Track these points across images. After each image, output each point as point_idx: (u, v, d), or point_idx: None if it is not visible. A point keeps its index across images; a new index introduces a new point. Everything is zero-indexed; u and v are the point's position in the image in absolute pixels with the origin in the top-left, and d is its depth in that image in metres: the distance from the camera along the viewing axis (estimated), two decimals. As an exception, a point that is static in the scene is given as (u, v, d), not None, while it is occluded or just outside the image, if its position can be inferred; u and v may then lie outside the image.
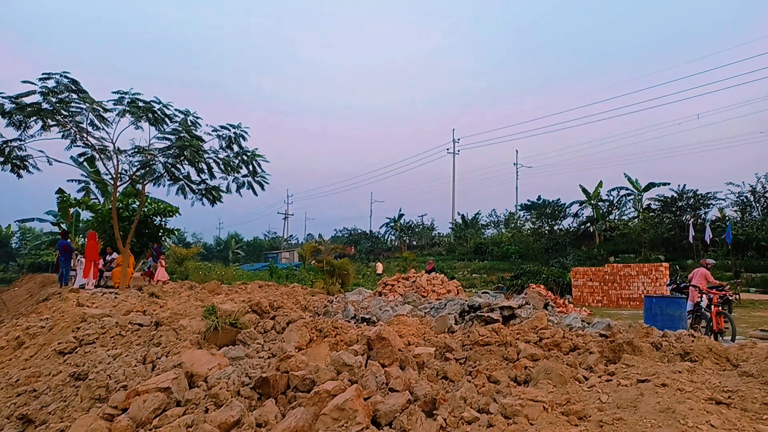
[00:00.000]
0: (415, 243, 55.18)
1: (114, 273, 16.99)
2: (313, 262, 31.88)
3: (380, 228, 59.97)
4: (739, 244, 27.25)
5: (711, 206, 34.28)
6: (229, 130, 16.29)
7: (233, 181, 17.16)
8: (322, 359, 3.29)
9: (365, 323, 5.17)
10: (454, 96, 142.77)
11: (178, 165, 15.80)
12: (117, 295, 9.14)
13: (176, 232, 27.36)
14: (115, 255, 17.44)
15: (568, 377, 2.85)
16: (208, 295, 9.26)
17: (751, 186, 33.14)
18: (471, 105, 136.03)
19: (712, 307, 10.16)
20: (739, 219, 32.69)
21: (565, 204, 40.88)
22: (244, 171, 17.08)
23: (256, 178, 17.35)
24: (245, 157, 16.74)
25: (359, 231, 61.23)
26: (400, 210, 57.45)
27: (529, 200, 42.88)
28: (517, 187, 61.27)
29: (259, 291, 10.05)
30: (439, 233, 56.71)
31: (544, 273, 24.53)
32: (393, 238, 58.38)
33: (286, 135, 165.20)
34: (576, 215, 40.65)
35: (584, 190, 39.45)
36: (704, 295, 13.23)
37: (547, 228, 40.96)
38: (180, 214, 22.79)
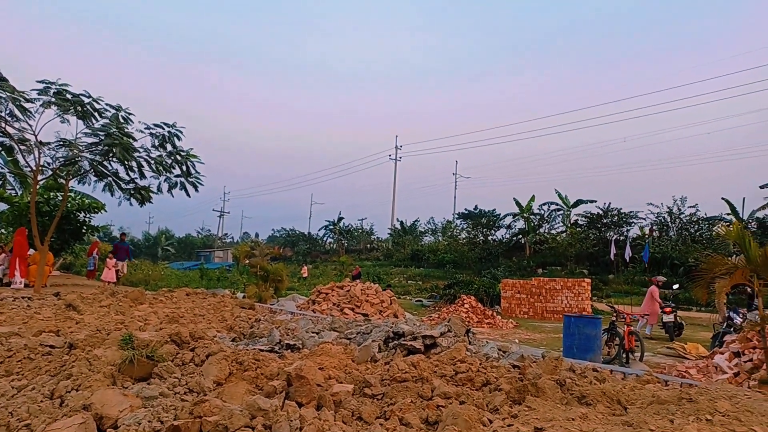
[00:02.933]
0: (353, 247, 55.25)
1: (30, 271, 16.06)
2: (247, 262, 31.29)
3: (319, 230, 59.64)
4: (655, 261, 29.15)
5: (632, 224, 36.55)
6: (163, 129, 15.76)
7: (165, 180, 16.65)
8: (239, 398, 3.29)
9: (290, 350, 5.19)
10: (399, 104, 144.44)
11: (105, 162, 15.14)
12: (30, 303, 8.63)
13: (101, 229, 26.09)
14: (31, 251, 16.46)
15: (474, 421, 3.01)
16: (131, 305, 8.93)
17: (668, 207, 35.61)
18: (415, 113, 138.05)
19: (625, 327, 10.85)
20: (657, 238, 35.00)
21: (500, 215, 42.29)
22: (177, 171, 16.60)
23: (190, 179, 16.89)
24: (179, 157, 16.25)
25: (297, 232, 60.56)
26: (340, 213, 57.35)
27: (466, 209, 44.02)
28: (455, 197, 62.66)
29: (185, 301, 9.78)
30: (377, 238, 57.09)
31: (476, 283, 25.26)
32: (332, 241, 58.19)
33: (224, 131, 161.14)
34: (509, 227, 42.14)
35: (518, 203, 40.97)
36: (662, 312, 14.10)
37: (481, 238, 42.19)
38: (106, 211, 21.81)
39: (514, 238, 41.13)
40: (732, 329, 11.26)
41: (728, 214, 33.67)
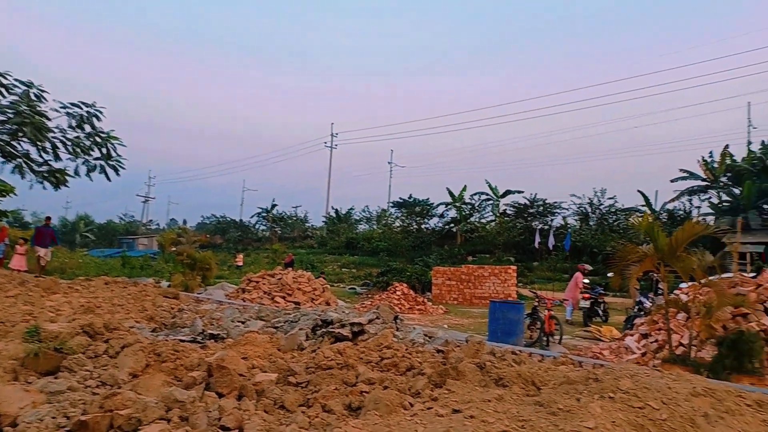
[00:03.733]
0: (287, 235, 54.48)
1: None
2: (173, 249, 30.08)
3: (251, 218, 58.28)
4: (576, 250, 30.76)
5: (556, 214, 38.38)
6: (81, 108, 14.77)
7: (83, 163, 15.64)
8: (156, 390, 3.17)
9: (213, 340, 5.06)
10: (335, 90, 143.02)
11: (14, 143, 14.02)
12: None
13: (10, 214, 24.17)
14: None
15: (396, 405, 3.06)
16: (42, 294, 8.35)
17: (589, 199, 37.64)
18: (351, 101, 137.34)
19: (546, 311, 11.39)
20: (578, 227, 36.94)
21: (433, 204, 43.11)
22: (96, 153, 15.63)
23: (110, 162, 15.95)
24: (98, 139, 15.30)
25: (228, 219, 58.85)
26: (273, 200, 56.21)
27: (401, 198, 44.50)
28: (390, 185, 63.19)
29: (104, 290, 9.27)
30: (312, 226, 56.60)
31: (409, 271, 25.65)
32: (264, 228, 57.09)
33: (151, 112, 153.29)
34: (442, 216, 43.05)
35: (450, 193, 41.90)
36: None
37: (415, 226, 42.86)
38: (16, 194, 20.24)
39: (447, 227, 42.09)
40: (642, 313, 12.08)
41: (643, 206, 36.02)
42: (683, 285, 9.30)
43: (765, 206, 32.35)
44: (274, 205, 55.47)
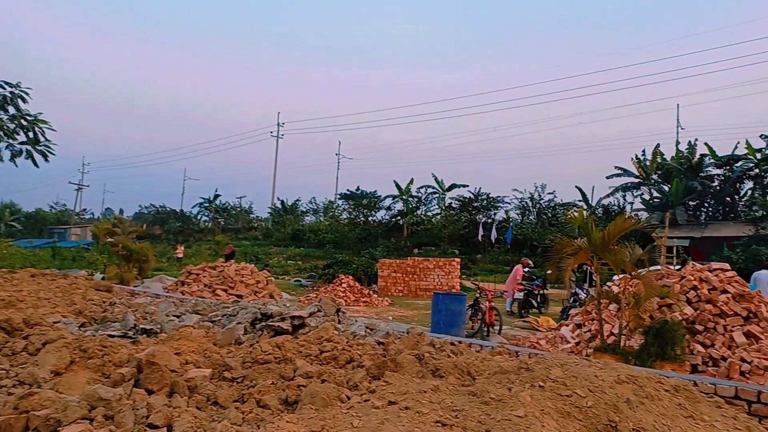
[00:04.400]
0: (231, 226, 53.20)
1: None
2: (108, 240, 28.71)
3: (193, 208, 56.47)
4: (517, 243, 31.72)
5: (499, 208, 39.43)
6: (4, 89, 13.77)
7: (7, 148, 14.61)
8: (80, 389, 3.00)
9: (146, 335, 4.86)
10: (282, 79, 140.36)
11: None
12: None
13: None
14: None
15: (333, 398, 3.04)
16: (-41, 288, 7.75)
17: (530, 193, 38.87)
18: (299, 91, 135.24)
19: (486, 303, 11.68)
20: (519, 221, 38.10)
21: (380, 196, 43.27)
22: (22, 137, 14.64)
23: (38, 147, 14.98)
24: (24, 122, 14.31)
25: (168, 209, 56.77)
26: (216, 190, 54.60)
27: (348, 190, 44.39)
28: (337, 177, 62.85)
29: (29, 283, 8.72)
30: (257, 217, 55.53)
31: (355, 263, 25.68)
32: (207, 219, 55.52)
33: (85, 96, 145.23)
34: (389, 208, 43.29)
35: (398, 186, 42.21)
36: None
37: (362, 218, 42.90)
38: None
39: (393, 219, 42.39)
40: (577, 304, 12.61)
41: (580, 201, 37.58)
42: (616, 277, 9.75)
43: (691, 203, 34.45)
44: (217, 195, 54.01)
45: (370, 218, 42.98)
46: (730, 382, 5.08)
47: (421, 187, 42.86)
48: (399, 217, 41.90)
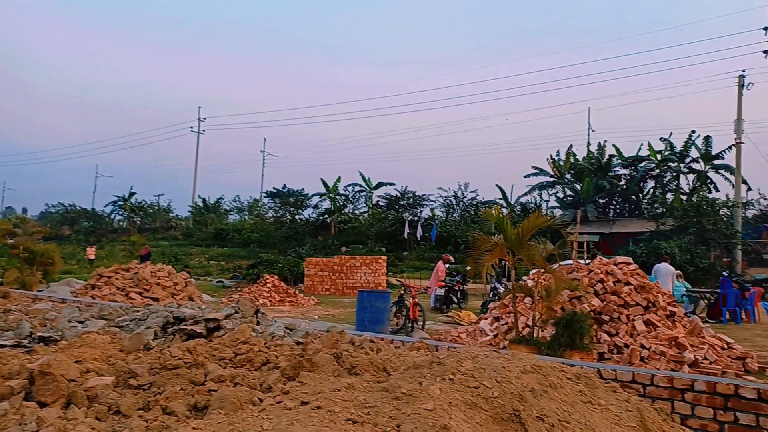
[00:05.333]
0: (148, 225, 50.63)
1: None
2: (9, 242, 26.45)
3: (106, 206, 53.23)
4: (441, 240, 32.52)
5: (425, 206, 40.26)
6: None
7: None
8: (-44, 406, 2.73)
9: (43, 343, 4.51)
10: (204, 71, 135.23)
11: None
12: None
13: None
14: None
15: (244, 402, 2.96)
16: None
17: (454, 192, 39.98)
18: (223, 85, 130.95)
19: (411, 299, 11.89)
20: (444, 219, 39.07)
21: (308, 195, 42.84)
22: None
23: None
24: None
25: (78, 208, 53.11)
26: (132, 188, 51.72)
27: (274, 188, 43.58)
28: (263, 175, 61.44)
29: None
30: (177, 216, 53.22)
31: (281, 262, 25.29)
32: (121, 218, 52.53)
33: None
34: (316, 206, 42.98)
35: (325, 184, 42.00)
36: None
37: (289, 217, 42.30)
38: None
39: (321, 218, 42.14)
40: (496, 298, 13.10)
41: (500, 199, 39.15)
42: (532, 272, 10.22)
43: (600, 200, 36.80)
44: (132, 193, 51.24)
45: (296, 217, 42.48)
46: (629, 367, 5.47)
47: (349, 186, 42.99)
48: (326, 216, 41.72)
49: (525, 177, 38.63)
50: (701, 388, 4.11)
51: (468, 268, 11.85)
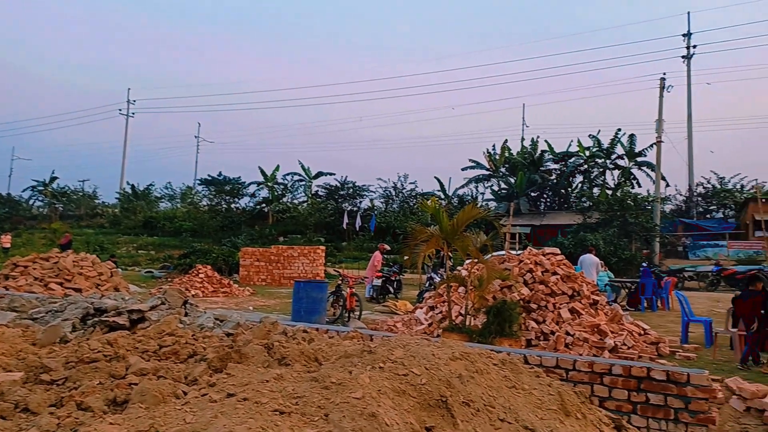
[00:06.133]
0: (71, 212, 47.69)
1: None
2: None
3: (23, 192, 49.69)
4: (380, 230, 32.71)
5: (364, 197, 40.32)
6: None
7: None
8: None
9: (-59, 338, 4.14)
10: (133, 53, 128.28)
11: None
12: None
13: None
14: None
15: (167, 395, 2.85)
16: None
17: (393, 183, 40.27)
18: (154, 66, 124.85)
19: (348, 289, 11.87)
20: (383, 209, 39.30)
21: (245, 183, 41.80)
22: None
23: None
24: None
25: (-7, 193, 49.30)
26: (53, 172, 48.49)
27: (209, 175, 42.16)
28: (197, 161, 59.22)
29: None
30: (103, 203, 50.44)
31: (215, 252, 24.61)
32: (41, 205, 49.23)
33: None
34: (253, 195, 42.04)
35: (263, 172, 41.11)
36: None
37: (224, 205, 41.15)
38: None
39: (258, 207, 41.28)
40: (432, 287, 13.32)
41: (439, 191, 39.84)
42: (467, 262, 10.46)
43: (533, 194, 38.23)
44: (54, 178, 48.07)
45: (232, 205, 41.36)
46: (553, 353, 5.71)
47: (288, 174, 42.33)
48: (264, 205, 40.90)
49: (462, 170, 39.52)
50: (618, 371, 4.35)
51: (405, 258, 11.99)
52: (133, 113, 50.98)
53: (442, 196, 38.66)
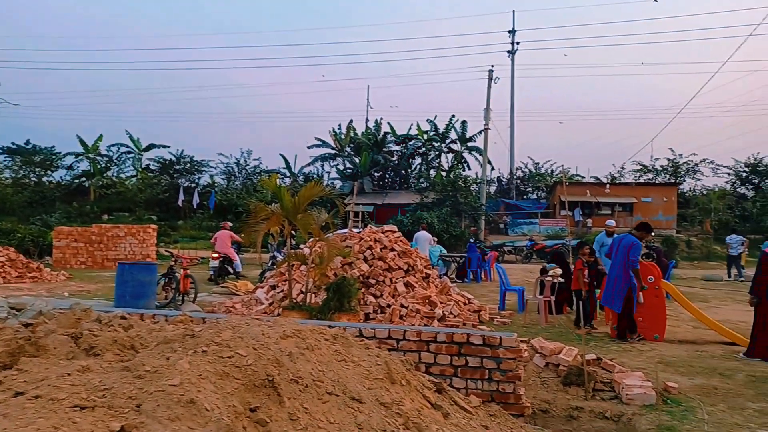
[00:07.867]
0: None
1: None
2: None
3: None
4: (222, 208, 31.25)
5: (204, 173, 38.07)
6: None
7: None
8: None
9: None
10: None
11: None
12: None
13: None
14: None
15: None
16: None
17: (236, 158, 38.60)
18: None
19: (182, 271, 11.13)
20: (225, 186, 37.55)
21: (59, 153, 36.76)
22: None
23: None
24: None
25: None
26: None
27: (13, 143, 36.21)
28: (-4, 126, 50.38)
29: None
30: None
31: (21, 232, 21.42)
32: None
33: None
34: (71, 168, 37.21)
35: (82, 142, 36.52)
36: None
37: (34, 179, 35.84)
38: None
39: (76, 181, 36.69)
40: (275, 267, 13.09)
41: (284, 168, 39.20)
42: (309, 240, 10.44)
43: (376, 174, 39.59)
44: None
45: (44, 179, 36.17)
46: (386, 325, 5.97)
47: (113, 146, 38.17)
48: (84, 179, 36.44)
49: (308, 148, 39.37)
50: (442, 339, 4.69)
51: (242, 236, 11.59)
52: None
53: (288, 174, 38.15)
